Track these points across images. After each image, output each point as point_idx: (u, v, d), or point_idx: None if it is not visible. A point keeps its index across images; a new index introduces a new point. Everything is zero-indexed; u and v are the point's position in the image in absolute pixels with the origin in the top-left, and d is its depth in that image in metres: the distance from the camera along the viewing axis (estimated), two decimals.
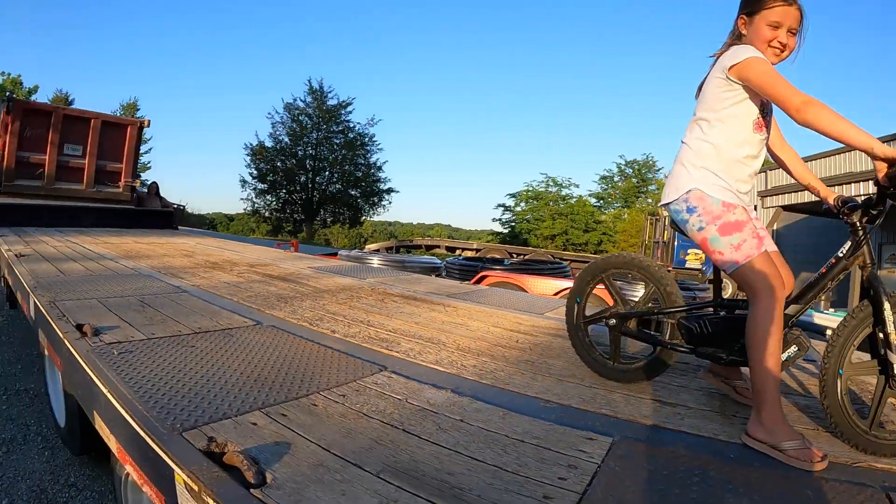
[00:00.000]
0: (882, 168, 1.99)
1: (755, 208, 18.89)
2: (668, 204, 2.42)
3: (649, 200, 50.38)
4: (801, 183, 2.60)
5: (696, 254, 23.81)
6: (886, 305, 2.07)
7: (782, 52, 2.26)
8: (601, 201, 54.00)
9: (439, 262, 12.76)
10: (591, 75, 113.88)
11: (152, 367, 2.53)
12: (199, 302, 4.16)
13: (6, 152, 10.85)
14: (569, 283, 8.74)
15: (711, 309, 2.65)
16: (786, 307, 2.25)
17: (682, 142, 2.45)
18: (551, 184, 49.58)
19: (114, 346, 2.76)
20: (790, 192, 19.41)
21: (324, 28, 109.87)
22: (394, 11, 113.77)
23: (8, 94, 13.43)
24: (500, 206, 50.87)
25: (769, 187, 21.70)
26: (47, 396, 4.30)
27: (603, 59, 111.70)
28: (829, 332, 11.53)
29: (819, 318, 14.22)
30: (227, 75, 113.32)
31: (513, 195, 50.41)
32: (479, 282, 8.98)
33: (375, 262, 11.48)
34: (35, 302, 3.82)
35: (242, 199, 46.59)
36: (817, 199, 2.49)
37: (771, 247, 2.43)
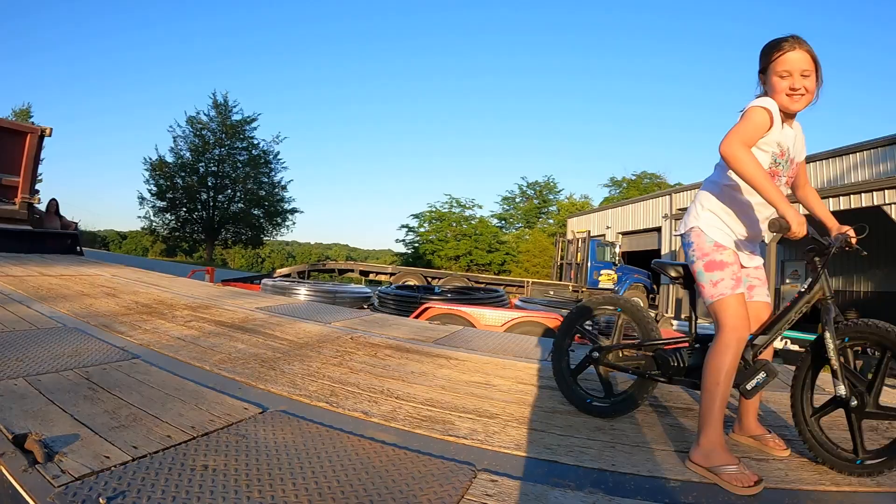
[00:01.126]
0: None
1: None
2: (680, 235, 2.68)
3: (550, 221, 51.30)
4: (815, 218, 2.74)
5: (608, 275, 24.19)
6: (828, 335, 2.31)
7: (804, 94, 2.37)
8: (503, 222, 54.55)
9: (369, 290, 12.08)
10: (495, 100, 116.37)
11: None
12: (166, 375, 3.07)
13: None
14: (513, 314, 8.46)
15: (688, 342, 2.78)
16: (755, 338, 2.49)
17: (704, 181, 2.69)
18: (455, 204, 49.44)
19: (91, 484, 1.74)
20: None
21: (230, 41, 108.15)
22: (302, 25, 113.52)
23: None
24: (403, 226, 50.17)
25: None
26: None
27: (508, 83, 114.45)
28: None
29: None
30: (116, 76, 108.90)
31: (416, 216, 49.91)
32: (420, 315, 8.18)
33: (303, 293, 10.58)
34: None
35: (140, 216, 43.08)
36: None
37: (757, 295, 2.67)
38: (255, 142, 42.59)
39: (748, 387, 2.41)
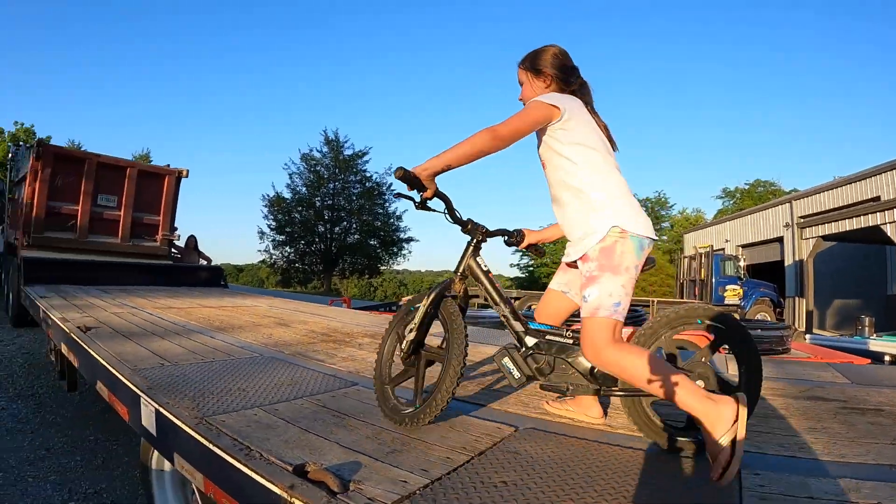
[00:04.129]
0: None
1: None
2: None
3: (664, 238, 49.75)
4: None
5: (734, 290, 22.81)
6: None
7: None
8: None
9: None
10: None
11: None
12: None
13: (35, 201, 9.90)
14: None
15: None
16: None
17: None
18: None
19: None
20: (829, 223, 18.85)
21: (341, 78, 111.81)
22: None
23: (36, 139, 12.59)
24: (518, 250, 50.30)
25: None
26: None
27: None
28: (886, 357, 10.58)
29: (873, 345, 13.33)
30: (229, 124, 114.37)
31: None
32: None
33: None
34: (159, 412, 2.59)
35: (260, 250, 45.68)
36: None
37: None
38: (368, 174, 43.66)
39: None
